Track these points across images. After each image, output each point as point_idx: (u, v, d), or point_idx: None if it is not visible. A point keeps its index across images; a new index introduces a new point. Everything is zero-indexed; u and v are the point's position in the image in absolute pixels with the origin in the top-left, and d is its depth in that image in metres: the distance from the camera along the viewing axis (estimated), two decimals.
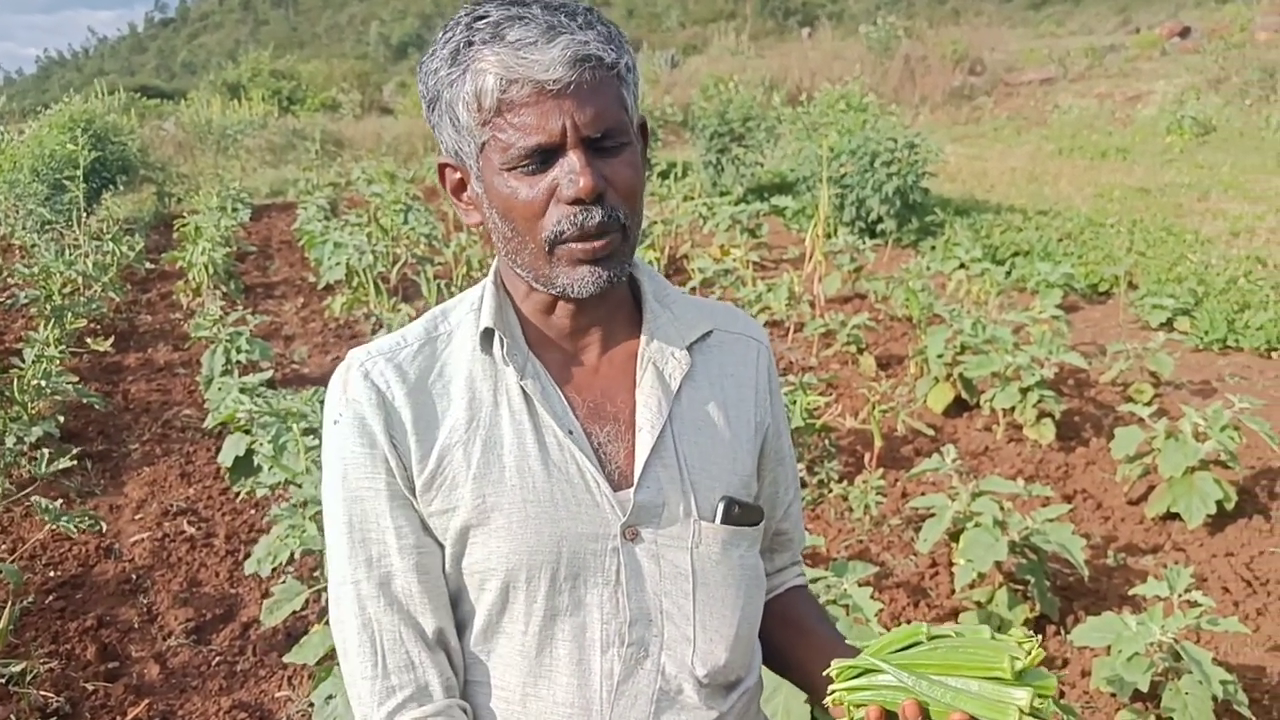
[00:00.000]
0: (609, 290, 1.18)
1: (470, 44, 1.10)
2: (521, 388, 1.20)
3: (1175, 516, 4.42)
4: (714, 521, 1.24)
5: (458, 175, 1.21)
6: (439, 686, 1.19)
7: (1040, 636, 3.64)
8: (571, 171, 1.10)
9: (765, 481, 1.37)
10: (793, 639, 1.39)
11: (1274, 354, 6.83)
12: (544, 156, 1.10)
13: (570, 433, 1.20)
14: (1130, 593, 3.41)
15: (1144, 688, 2.93)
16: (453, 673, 1.22)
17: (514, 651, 1.20)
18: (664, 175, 14.21)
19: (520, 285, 1.24)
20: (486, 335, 1.21)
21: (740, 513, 1.26)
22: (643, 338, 1.26)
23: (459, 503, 1.17)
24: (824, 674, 1.14)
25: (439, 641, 1.20)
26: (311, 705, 3.01)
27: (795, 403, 4.74)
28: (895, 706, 1.08)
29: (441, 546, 1.21)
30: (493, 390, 1.20)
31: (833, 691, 1.13)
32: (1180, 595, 3.15)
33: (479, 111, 1.10)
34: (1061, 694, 3.26)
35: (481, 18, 1.10)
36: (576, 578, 1.18)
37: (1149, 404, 5.31)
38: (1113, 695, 3.16)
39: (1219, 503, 4.29)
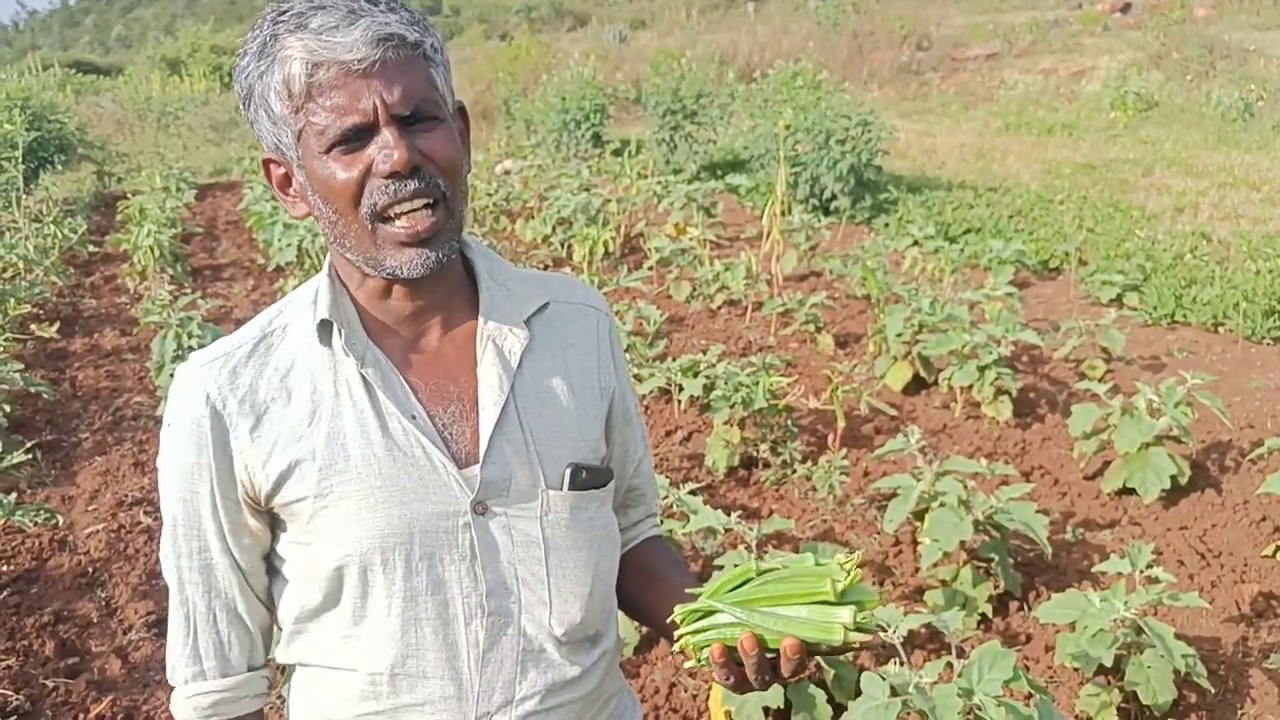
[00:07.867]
0: (441, 270, 1.22)
1: (275, 36, 1.14)
2: (362, 376, 1.22)
3: (1131, 491, 4.50)
4: (561, 489, 1.28)
5: (282, 170, 1.23)
6: (242, 660, 1.30)
7: (1002, 614, 3.70)
8: (386, 146, 1.13)
9: (615, 443, 1.42)
10: (645, 587, 1.45)
11: (1220, 328, 6.97)
12: (358, 135, 1.14)
13: (413, 418, 1.22)
14: (1093, 570, 3.48)
15: (1108, 663, 2.99)
16: (263, 650, 1.32)
17: (381, 635, 1.23)
18: (616, 153, 14.14)
19: (354, 273, 1.25)
20: (324, 327, 1.23)
21: (588, 477, 1.30)
22: (480, 317, 1.29)
23: (307, 493, 1.21)
24: (668, 620, 1.21)
25: (250, 624, 1.30)
26: (281, 699, 2.98)
27: (758, 384, 4.76)
28: (735, 642, 1.15)
29: (266, 557, 1.30)
30: (333, 382, 1.22)
31: (679, 636, 1.19)
32: (1141, 571, 3.21)
33: (290, 99, 1.14)
34: (1027, 669, 3.31)
35: (285, 11, 1.15)
36: (432, 556, 1.22)
37: (1102, 380, 5.38)
38: (1076, 670, 3.23)
39: (1173, 477, 4.38)
